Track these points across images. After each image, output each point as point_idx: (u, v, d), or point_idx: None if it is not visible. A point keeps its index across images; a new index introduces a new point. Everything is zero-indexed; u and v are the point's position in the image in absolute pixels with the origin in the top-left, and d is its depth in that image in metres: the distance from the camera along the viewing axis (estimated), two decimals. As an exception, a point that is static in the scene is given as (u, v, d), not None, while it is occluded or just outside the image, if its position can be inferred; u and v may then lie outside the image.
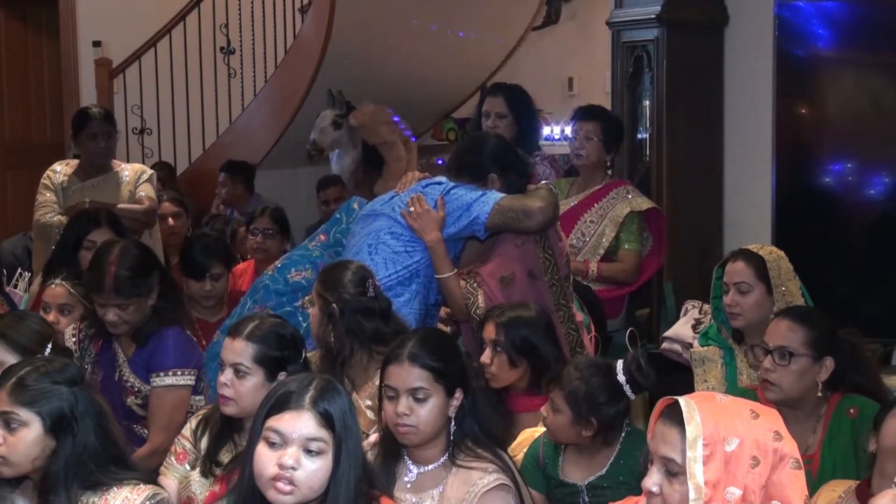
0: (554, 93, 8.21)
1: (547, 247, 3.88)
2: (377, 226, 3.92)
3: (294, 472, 2.27)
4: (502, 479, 2.75)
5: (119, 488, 2.60)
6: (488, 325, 3.49)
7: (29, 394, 2.58)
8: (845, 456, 3.22)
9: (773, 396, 3.22)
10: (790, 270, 3.76)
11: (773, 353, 3.22)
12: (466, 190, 3.88)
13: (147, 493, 2.60)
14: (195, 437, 3.13)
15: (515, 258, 3.85)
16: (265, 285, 3.94)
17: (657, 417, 2.21)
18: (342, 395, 2.35)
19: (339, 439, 2.29)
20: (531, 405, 3.39)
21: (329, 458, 2.29)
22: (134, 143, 7.93)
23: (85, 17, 8.31)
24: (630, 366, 3.14)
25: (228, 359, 3.06)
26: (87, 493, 2.59)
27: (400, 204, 3.92)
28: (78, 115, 5.48)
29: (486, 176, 3.92)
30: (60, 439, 2.58)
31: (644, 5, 5.31)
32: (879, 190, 4.92)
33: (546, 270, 3.87)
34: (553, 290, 3.87)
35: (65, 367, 2.67)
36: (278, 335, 3.09)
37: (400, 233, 3.87)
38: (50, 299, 3.99)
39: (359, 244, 3.92)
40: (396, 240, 3.86)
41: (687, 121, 5.30)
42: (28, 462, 2.59)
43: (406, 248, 3.84)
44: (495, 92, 5.12)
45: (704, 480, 2.08)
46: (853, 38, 4.97)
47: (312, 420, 2.29)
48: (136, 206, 5.15)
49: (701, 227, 5.38)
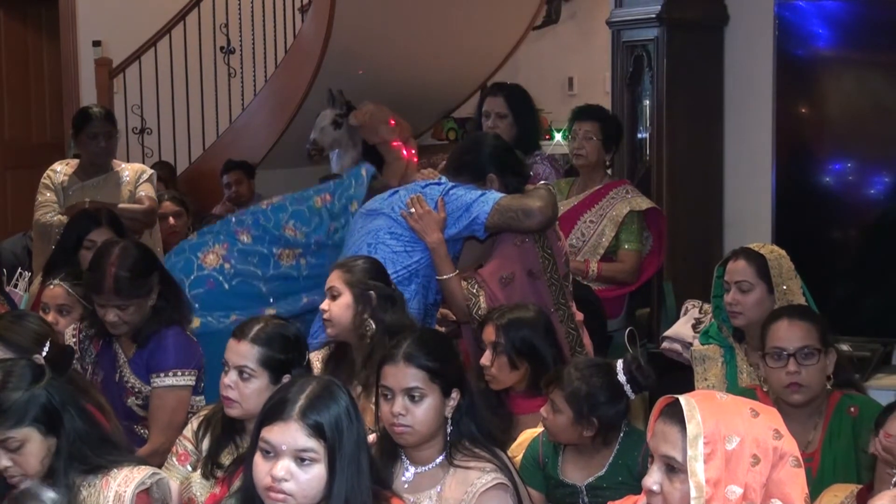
0: (554, 93, 8.21)
1: (546, 246, 3.88)
2: (377, 225, 3.92)
3: (285, 484, 2.26)
4: (500, 478, 2.75)
5: (119, 469, 2.64)
6: (488, 327, 3.49)
7: (11, 415, 2.59)
8: (845, 454, 3.22)
9: (801, 398, 3.22)
10: (791, 269, 3.76)
11: (795, 355, 3.21)
12: (466, 190, 3.88)
13: (147, 472, 2.65)
14: (197, 439, 3.12)
15: (515, 258, 3.85)
16: (258, 212, 3.98)
17: (657, 416, 2.21)
18: (339, 399, 2.32)
19: (332, 448, 2.27)
20: (531, 406, 3.39)
21: (323, 465, 2.27)
22: (134, 142, 7.93)
23: (85, 16, 8.31)
24: (630, 365, 3.14)
25: (233, 361, 3.05)
26: (89, 478, 2.62)
27: (400, 203, 3.92)
28: (78, 114, 5.48)
29: (485, 176, 3.92)
30: (59, 433, 2.62)
31: (644, 5, 5.31)
32: (879, 189, 4.92)
33: (545, 270, 3.87)
34: (552, 290, 3.88)
35: (21, 371, 2.66)
36: (283, 337, 3.08)
37: (400, 233, 3.87)
38: (49, 300, 3.98)
39: (358, 243, 3.92)
40: (396, 240, 3.86)
41: (687, 121, 5.30)
42: (40, 465, 2.62)
43: (406, 248, 3.85)
44: (495, 92, 5.12)
45: (706, 479, 2.08)
46: (853, 38, 4.97)
47: (301, 431, 2.27)
48: (137, 206, 5.15)
49: (701, 227, 5.38)
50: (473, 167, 3.96)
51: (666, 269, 5.14)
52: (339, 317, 3.49)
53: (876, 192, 4.93)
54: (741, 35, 5.31)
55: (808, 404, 3.24)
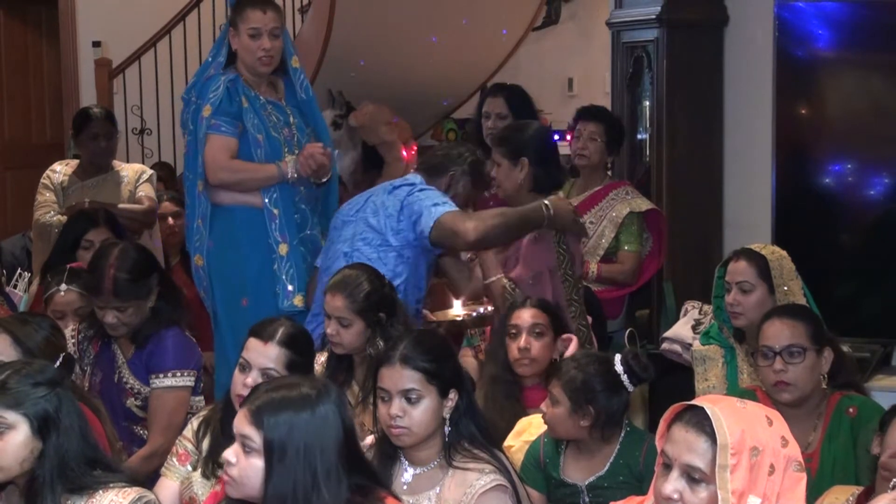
0: (554, 93, 8.20)
1: (563, 242, 3.89)
2: (349, 233, 3.93)
3: (230, 468, 2.35)
4: (499, 479, 2.75)
5: (105, 492, 2.59)
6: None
7: (13, 396, 2.57)
8: (845, 455, 3.23)
9: (789, 397, 3.23)
10: (792, 270, 3.76)
11: (781, 353, 3.22)
12: (428, 195, 3.86)
13: (133, 497, 2.60)
14: (197, 439, 3.12)
15: (536, 257, 3.87)
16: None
17: (669, 421, 2.21)
18: (304, 409, 2.32)
19: (270, 447, 2.30)
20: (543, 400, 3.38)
21: (261, 459, 2.32)
22: (134, 143, 7.93)
23: (85, 17, 8.31)
24: (627, 356, 3.15)
25: (259, 363, 3.03)
26: (73, 497, 2.58)
27: (371, 208, 3.92)
28: (79, 115, 5.48)
29: (519, 157, 3.93)
30: (46, 441, 2.57)
31: (644, 6, 5.31)
32: (879, 190, 4.92)
33: (561, 265, 3.89)
34: (566, 285, 3.90)
35: (44, 369, 2.66)
36: (303, 339, 3.12)
37: (370, 238, 3.87)
38: (64, 306, 3.90)
39: (335, 254, 3.93)
40: (368, 245, 3.87)
41: (687, 121, 5.30)
42: (17, 465, 2.57)
43: (378, 253, 3.85)
44: (495, 92, 5.12)
45: (731, 489, 2.08)
46: (853, 39, 4.96)
47: (245, 419, 2.34)
48: (136, 206, 5.15)
49: (701, 228, 5.37)
50: (513, 144, 3.99)
51: (666, 270, 5.14)
52: (351, 342, 3.49)
53: (876, 192, 4.93)
54: (741, 36, 5.30)
55: (798, 403, 3.24)
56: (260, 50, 4.24)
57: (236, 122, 4.24)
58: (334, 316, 3.48)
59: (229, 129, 4.24)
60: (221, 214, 4.28)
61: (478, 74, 8.07)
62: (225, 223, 4.28)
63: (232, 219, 4.27)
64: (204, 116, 4.24)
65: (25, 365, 2.67)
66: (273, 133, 4.28)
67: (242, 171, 4.24)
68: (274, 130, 4.29)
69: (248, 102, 4.26)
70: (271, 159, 4.25)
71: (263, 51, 4.25)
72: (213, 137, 4.23)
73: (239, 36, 4.27)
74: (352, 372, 3.52)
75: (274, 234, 4.23)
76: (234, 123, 4.24)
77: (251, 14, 4.24)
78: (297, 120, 4.38)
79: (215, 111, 4.23)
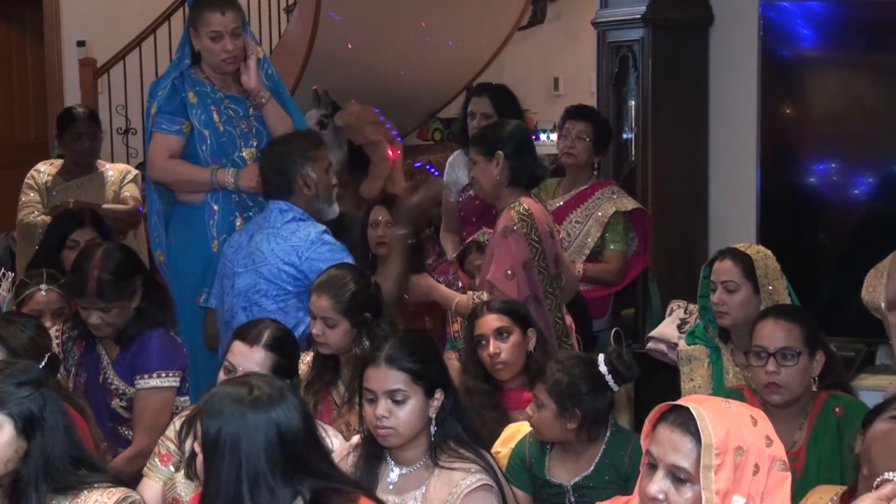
0: (540, 93, 8.21)
1: (534, 234, 3.89)
2: (242, 285, 3.91)
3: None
4: (485, 479, 2.75)
5: (89, 492, 2.58)
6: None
7: None
8: (830, 454, 3.23)
9: (780, 399, 3.22)
10: (777, 269, 3.77)
11: (775, 355, 3.22)
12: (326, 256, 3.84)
13: (118, 497, 2.58)
14: (179, 439, 3.11)
15: (508, 251, 3.87)
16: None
17: (654, 421, 2.21)
18: (240, 414, 2.30)
19: (205, 441, 2.33)
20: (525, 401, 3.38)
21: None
22: (118, 142, 7.90)
23: (69, 16, 8.28)
24: (611, 356, 3.15)
25: (244, 366, 3.03)
26: (58, 497, 2.56)
27: (259, 255, 3.88)
28: (62, 114, 5.46)
29: (495, 152, 3.94)
30: (31, 441, 2.56)
31: (629, 5, 5.31)
32: (863, 190, 4.93)
33: (534, 258, 3.89)
34: (542, 278, 3.90)
35: (29, 369, 2.64)
36: (288, 342, 3.13)
37: (266, 290, 3.87)
38: (43, 305, 3.90)
39: (232, 306, 3.91)
40: (266, 297, 3.86)
41: (672, 121, 5.30)
42: (1, 465, 2.55)
43: (278, 304, 3.86)
44: (481, 92, 5.11)
45: (716, 490, 2.08)
46: (838, 39, 4.98)
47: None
48: (121, 207, 5.14)
49: (686, 227, 5.38)
50: (489, 140, 4.00)
51: (651, 270, 5.15)
52: (337, 342, 3.49)
53: (860, 192, 4.94)
54: (726, 36, 5.31)
55: (788, 405, 3.24)
56: (223, 52, 4.27)
57: (179, 119, 4.28)
58: (320, 316, 3.48)
59: (170, 126, 4.28)
60: (178, 210, 4.35)
61: (463, 74, 8.07)
62: (180, 219, 4.35)
63: (187, 214, 4.33)
64: (152, 114, 4.31)
65: (9, 365, 2.66)
66: (226, 127, 4.29)
67: (177, 172, 4.30)
68: (228, 125, 4.30)
69: (198, 98, 4.28)
70: (217, 155, 4.28)
71: (226, 52, 4.27)
72: (155, 135, 4.31)
73: (200, 38, 4.29)
74: (338, 372, 3.52)
75: (211, 230, 4.25)
76: (175, 121, 4.28)
77: (210, 17, 4.25)
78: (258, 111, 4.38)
79: (159, 109, 4.28)
